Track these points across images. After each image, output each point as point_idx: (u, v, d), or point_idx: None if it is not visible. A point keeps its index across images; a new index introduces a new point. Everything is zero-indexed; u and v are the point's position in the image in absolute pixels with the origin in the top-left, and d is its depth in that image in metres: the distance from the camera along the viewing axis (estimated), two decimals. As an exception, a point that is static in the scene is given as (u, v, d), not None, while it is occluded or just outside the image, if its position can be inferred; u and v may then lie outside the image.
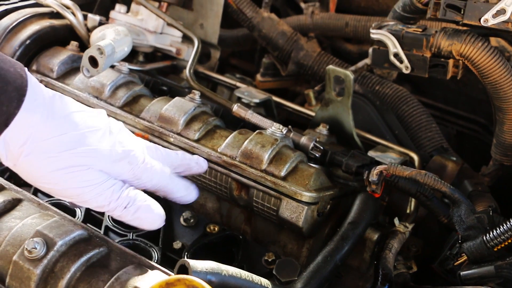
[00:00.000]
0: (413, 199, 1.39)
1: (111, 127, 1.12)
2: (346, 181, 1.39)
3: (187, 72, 1.54)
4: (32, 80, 1.02)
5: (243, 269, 1.16)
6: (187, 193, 1.24)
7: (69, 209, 1.36)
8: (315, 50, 1.79)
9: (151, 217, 1.13)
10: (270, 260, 1.28)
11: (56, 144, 1.02)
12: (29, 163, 1.02)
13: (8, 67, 0.98)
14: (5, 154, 1.02)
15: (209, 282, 0.95)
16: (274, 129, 1.34)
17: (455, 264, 1.20)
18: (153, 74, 1.67)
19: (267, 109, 1.65)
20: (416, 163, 1.49)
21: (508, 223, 1.12)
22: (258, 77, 1.89)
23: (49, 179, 1.04)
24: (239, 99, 1.58)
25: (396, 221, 1.32)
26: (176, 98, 1.41)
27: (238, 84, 1.73)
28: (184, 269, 0.96)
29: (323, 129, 1.50)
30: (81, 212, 1.35)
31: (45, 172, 1.03)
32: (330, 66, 1.47)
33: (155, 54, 1.80)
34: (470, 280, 1.14)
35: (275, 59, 1.85)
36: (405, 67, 1.46)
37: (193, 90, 1.42)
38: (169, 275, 1.02)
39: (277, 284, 1.10)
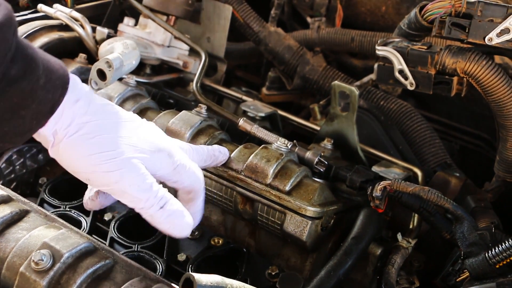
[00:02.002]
0: (416, 215, 1.40)
1: (147, 123, 1.14)
2: (350, 196, 1.40)
3: (194, 86, 1.56)
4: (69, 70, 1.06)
5: (246, 282, 1.18)
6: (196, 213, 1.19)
7: (75, 220, 1.37)
8: (321, 65, 1.81)
9: (183, 224, 1.10)
10: (273, 273, 1.29)
11: (97, 127, 1.04)
12: (71, 145, 1.03)
13: (49, 58, 1.02)
14: (52, 140, 1.03)
15: (213, 296, 0.96)
16: (280, 143, 1.35)
17: (457, 280, 1.21)
18: (160, 86, 1.69)
19: (272, 122, 1.66)
20: (420, 178, 1.50)
21: (510, 240, 1.13)
22: (264, 90, 1.90)
23: (89, 162, 1.03)
24: (245, 113, 1.59)
25: (399, 236, 1.33)
26: (183, 111, 1.42)
27: (244, 97, 1.74)
28: (189, 283, 0.97)
29: (327, 144, 1.51)
30: (86, 224, 1.36)
31: (86, 154, 1.03)
32: (336, 82, 1.48)
33: (162, 66, 1.82)
34: (472, 297, 1.15)
35: (281, 73, 1.87)
36: (409, 83, 1.48)
37: (200, 104, 1.44)
38: (174, 288, 1.03)
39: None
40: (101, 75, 1.38)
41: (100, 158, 1.03)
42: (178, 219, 1.09)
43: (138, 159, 1.05)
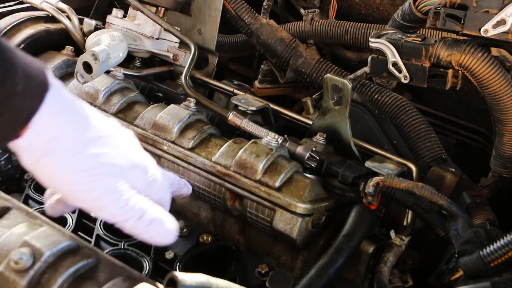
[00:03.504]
0: (410, 211, 1.37)
1: (125, 135, 1.10)
2: (342, 192, 1.37)
3: (182, 79, 1.52)
4: (52, 76, 1.00)
5: (235, 280, 1.15)
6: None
7: (60, 217, 1.34)
8: (314, 58, 1.77)
9: (164, 230, 1.07)
10: (263, 271, 1.25)
11: (80, 144, 0.99)
12: (52, 162, 0.98)
13: (30, 62, 0.94)
14: (26, 152, 0.98)
15: (197, 296, 0.93)
16: (270, 138, 1.32)
17: (451, 279, 1.18)
18: (149, 79, 1.65)
19: (264, 117, 1.62)
20: (414, 174, 1.47)
21: (505, 237, 1.10)
22: (256, 83, 1.86)
23: (70, 180, 0.99)
24: (236, 107, 1.56)
25: (392, 233, 1.30)
26: (171, 105, 1.39)
27: (236, 91, 1.70)
28: (173, 283, 0.94)
29: (320, 139, 1.48)
30: (72, 221, 1.33)
31: (68, 172, 0.99)
32: (328, 75, 1.44)
33: (154, 59, 1.78)
34: (466, 296, 1.12)
35: (273, 66, 1.83)
36: (403, 76, 1.44)
37: (188, 98, 1.40)
38: (157, 288, 0.99)
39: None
40: (87, 68, 1.35)
41: (81, 177, 0.99)
42: (158, 227, 1.06)
43: (118, 176, 1.03)
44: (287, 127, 1.72)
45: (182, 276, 0.94)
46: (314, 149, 1.41)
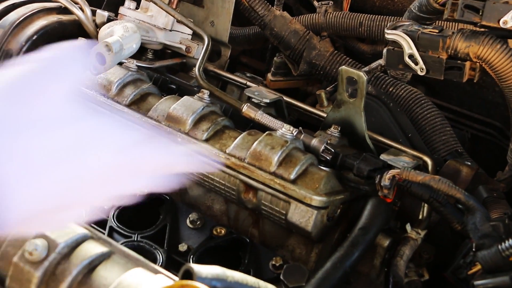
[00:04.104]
0: (425, 205, 1.35)
1: None
2: (357, 185, 1.35)
3: (196, 70, 1.51)
4: None
5: (249, 273, 1.14)
6: None
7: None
8: (328, 50, 1.75)
9: None
10: (277, 264, 1.24)
11: None
12: None
13: None
14: None
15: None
16: (284, 130, 1.30)
17: (469, 273, 1.16)
18: (162, 71, 1.64)
19: (277, 109, 1.61)
20: (430, 167, 1.45)
21: (525, 232, 1.09)
22: (269, 76, 1.85)
23: None
24: (249, 99, 1.54)
25: (408, 227, 1.28)
26: (185, 97, 1.38)
27: (249, 83, 1.69)
28: (189, 275, 0.93)
29: (334, 131, 1.46)
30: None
31: None
32: (343, 67, 1.43)
33: (165, 51, 1.77)
34: (483, 291, 1.10)
35: (286, 58, 1.82)
36: (420, 68, 1.42)
37: (202, 89, 1.39)
38: (173, 280, 0.98)
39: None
40: (101, 59, 1.34)
41: None
42: None
43: None
44: (300, 120, 1.71)
45: (198, 268, 0.93)
46: (328, 141, 1.39)
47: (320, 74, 1.76)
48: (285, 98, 1.63)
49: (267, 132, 1.30)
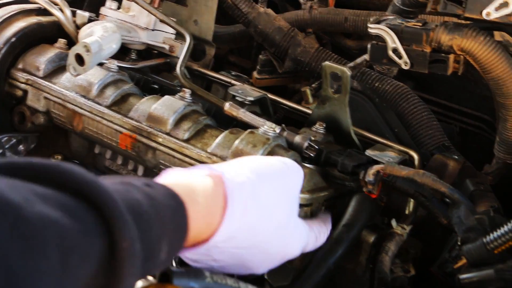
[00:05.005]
0: (412, 200, 1.34)
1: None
2: (343, 181, 1.34)
3: (177, 69, 1.49)
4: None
5: (233, 274, 1.12)
6: None
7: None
8: (313, 46, 1.74)
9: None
10: (262, 264, 1.23)
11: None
12: None
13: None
14: None
15: (191, 289, 0.91)
16: (267, 128, 1.29)
17: (455, 267, 1.15)
18: (145, 72, 1.63)
19: (262, 107, 1.59)
20: (416, 162, 1.43)
21: (509, 224, 1.07)
22: (255, 74, 1.83)
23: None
24: (233, 97, 1.53)
25: (393, 222, 1.26)
26: (166, 96, 1.36)
27: (233, 82, 1.67)
28: (166, 276, 0.92)
29: (319, 128, 1.44)
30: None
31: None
32: (326, 62, 1.42)
33: (151, 52, 1.75)
34: (469, 284, 1.09)
35: (271, 56, 1.80)
36: (404, 62, 1.41)
37: (183, 88, 1.38)
38: (150, 282, 0.97)
39: (266, 290, 1.05)
40: (80, 60, 1.32)
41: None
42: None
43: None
44: (287, 118, 1.69)
45: (175, 270, 0.92)
46: (313, 138, 1.38)
47: (305, 70, 1.75)
48: (270, 96, 1.62)
49: (249, 130, 1.28)
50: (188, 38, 1.56)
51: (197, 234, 0.88)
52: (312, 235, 1.11)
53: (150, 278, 0.97)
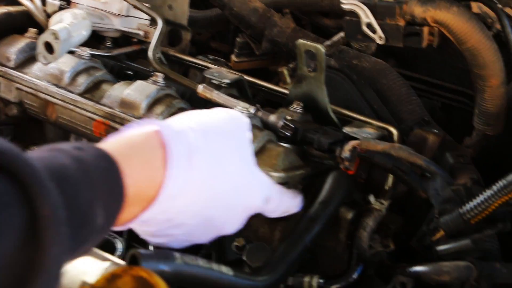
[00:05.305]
0: (391, 175, 1.33)
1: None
2: (321, 159, 1.32)
3: (149, 54, 1.47)
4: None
5: (210, 257, 1.11)
6: None
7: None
8: (289, 26, 1.72)
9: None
10: (240, 245, 1.21)
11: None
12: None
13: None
14: None
15: (161, 272, 0.89)
16: (240, 108, 1.27)
17: (432, 239, 1.14)
18: (120, 59, 1.61)
19: (240, 90, 1.58)
20: (395, 137, 1.42)
21: (484, 193, 1.06)
22: (233, 57, 1.81)
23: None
24: (209, 81, 1.51)
25: (371, 198, 1.25)
26: (138, 81, 1.35)
27: (211, 66, 1.65)
28: (136, 259, 0.91)
29: (297, 107, 1.43)
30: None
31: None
32: (300, 40, 1.40)
33: (129, 39, 1.73)
34: (447, 256, 1.08)
35: (248, 38, 1.78)
36: (378, 37, 1.40)
37: (156, 73, 1.36)
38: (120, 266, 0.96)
39: (241, 271, 1.04)
40: (49, 48, 1.31)
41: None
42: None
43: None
44: (268, 100, 1.68)
45: (144, 252, 0.91)
46: (289, 117, 1.36)
47: (283, 51, 1.73)
48: (248, 78, 1.60)
49: (222, 111, 1.27)
50: (160, 22, 1.54)
51: (138, 192, 0.85)
52: (275, 188, 1.09)
53: (119, 261, 0.96)
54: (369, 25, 1.39)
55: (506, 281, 1.06)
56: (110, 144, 0.85)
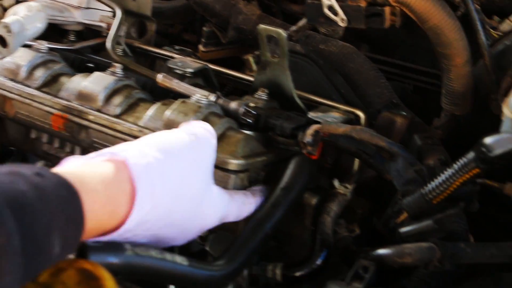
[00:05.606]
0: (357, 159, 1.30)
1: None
2: (287, 146, 1.30)
3: (107, 45, 1.44)
4: None
5: (172, 250, 1.08)
6: None
7: None
8: (255, 13, 1.69)
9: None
10: (204, 236, 1.20)
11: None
12: None
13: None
14: None
15: (109, 264, 0.87)
16: (199, 96, 1.25)
17: (396, 222, 1.12)
18: (82, 53, 1.57)
19: (206, 79, 1.55)
20: (363, 121, 1.40)
21: (445, 172, 1.04)
22: (201, 47, 1.78)
23: None
24: (172, 71, 1.48)
25: (335, 182, 1.23)
26: (95, 73, 1.32)
27: (176, 56, 1.63)
28: (84, 252, 0.88)
29: (262, 94, 1.40)
30: None
31: None
32: (261, 25, 1.37)
33: (99, 32, 1.69)
34: (410, 237, 1.06)
35: (214, 27, 1.75)
36: (340, 19, 1.37)
37: (114, 63, 1.33)
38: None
39: (198, 261, 1.01)
40: (2, 42, 1.27)
41: None
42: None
43: None
44: (238, 89, 1.65)
45: (92, 244, 0.88)
46: (254, 104, 1.34)
47: (249, 39, 1.70)
48: (213, 67, 1.57)
49: (181, 100, 1.24)
50: (118, 13, 1.51)
51: (98, 223, 0.84)
52: (233, 205, 1.08)
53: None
54: (331, 8, 1.36)
55: (471, 261, 1.05)
56: (71, 172, 0.83)
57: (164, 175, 0.93)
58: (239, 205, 1.09)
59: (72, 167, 0.87)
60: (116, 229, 0.88)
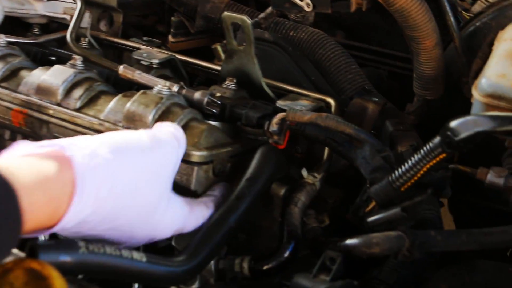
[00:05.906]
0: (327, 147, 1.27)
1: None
2: (256, 135, 1.26)
3: (67, 36, 1.40)
4: None
5: (138, 248, 1.05)
6: None
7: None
8: (223, 1, 1.65)
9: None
10: (169, 230, 1.15)
11: None
12: None
13: None
14: None
15: (62, 263, 0.83)
16: (160, 87, 1.21)
17: (365, 211, 1.08)
18: (46, 46, 1.53)
19: (174, 70, 1.51)
20: (333, 108, 1.36)
21: (412, 158, 1.01)
22: (170, 38, 1.74)
23: None
24: (138, 62, 1.44)
25: (303, 172, 1.20)
26: (55, 66, 1.28)
27: (143, 47, 1.58)
28: (34, 251, 0.84)
29: (230, 84, 1.36)
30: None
31: None
32: (225, 13, 1.33)
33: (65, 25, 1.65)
34: (378, 226, 1.03)
35: (182, 17, 1.71)
36: (306, 4, 1.34)
37: (74, 56, 1.29)
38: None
39: (157, 257, 0.97)
40: (-43, 36, 1.23)
41: None
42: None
43: None
44: (211, 80, 1.61)
45: (43, 243, 0.85)
46: (220, 94, 1.30)
47: (217, 27, 1.66)
48: (181, 57, 1.53)
49: (142, 91, 1.20)
50: (78, 3, 1.47)
51: (38, 222, 0.82)
52: (192, 218, 1.03)
53: (20, 253, 0.89)
54: (296, -8, 1.32)
55: (441, 249, 1.02)
56: (12, 168, 0.79)
57: (113, 178, 0.89)
58: (198, 218, 1.04)
59: (15, 162, 0.83)
60: (52, 227, 0.85)
